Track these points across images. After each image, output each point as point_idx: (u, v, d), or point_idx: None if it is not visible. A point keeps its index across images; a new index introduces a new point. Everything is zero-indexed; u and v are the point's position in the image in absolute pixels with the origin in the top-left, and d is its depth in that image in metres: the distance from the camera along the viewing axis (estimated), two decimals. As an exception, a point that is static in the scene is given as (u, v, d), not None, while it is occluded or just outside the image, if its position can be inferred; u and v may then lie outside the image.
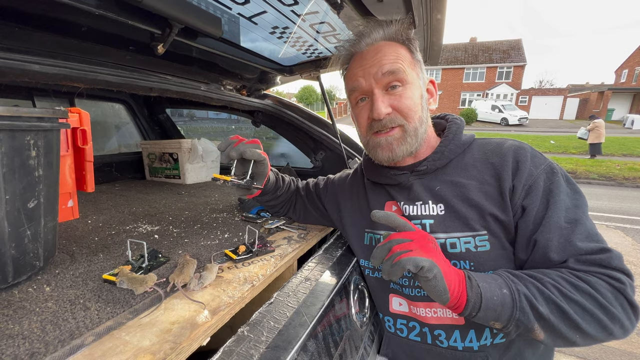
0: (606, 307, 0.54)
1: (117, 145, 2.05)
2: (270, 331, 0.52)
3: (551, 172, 0.65)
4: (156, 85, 1.11)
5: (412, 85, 0.70)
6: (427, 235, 0.59)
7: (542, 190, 0.64)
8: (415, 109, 0.70)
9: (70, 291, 0.60)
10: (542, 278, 0.57)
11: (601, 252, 0.58)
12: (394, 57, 0.69)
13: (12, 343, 0.45)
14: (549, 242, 0.60)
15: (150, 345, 0.46)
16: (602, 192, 6.58)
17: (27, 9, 0.73)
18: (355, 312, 0.76)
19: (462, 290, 0.54)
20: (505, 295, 0.55)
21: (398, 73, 0.68)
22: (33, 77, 0.79)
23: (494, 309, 0.54)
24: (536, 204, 0.63)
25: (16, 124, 0.55)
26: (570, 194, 0.64)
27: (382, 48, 0.71)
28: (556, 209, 0.61)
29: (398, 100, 0.69)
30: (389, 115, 0.70)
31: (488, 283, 0.56)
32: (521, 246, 0.65)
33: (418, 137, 0.72)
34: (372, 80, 0.70)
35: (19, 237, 0.59)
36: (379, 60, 0.69)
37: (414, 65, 0.72)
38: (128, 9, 0.77)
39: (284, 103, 1.74)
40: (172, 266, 0.72)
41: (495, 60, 28.76)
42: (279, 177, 0.98)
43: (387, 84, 0.70)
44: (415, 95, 0.71)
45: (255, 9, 0.89)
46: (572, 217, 0.61)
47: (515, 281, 0.57)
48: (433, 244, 0.58)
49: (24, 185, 0.58)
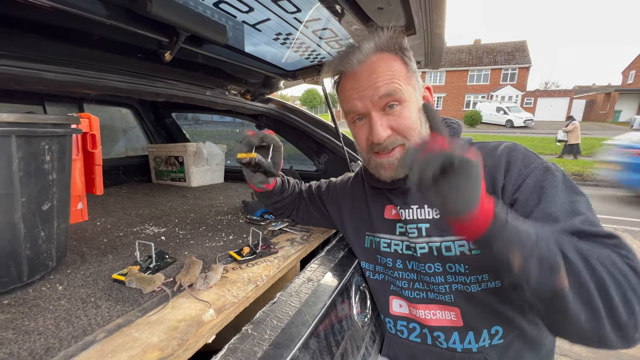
0: (636, 293, 0.45)
1: (124, 149, 2.09)
2: (273, 329, 0.53)
3: (544, 171, 0.62)
4: (163, 91, 1.14)
5: (409, 103, 0.68)
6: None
7: (532, 186, 0.61)
8: (414, 126, 0.69)
9: (81, 290, 0.63)
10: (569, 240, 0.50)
11: (608, 237, 0.52)
12: (389, 76, 0.67)
13: (28, 338, 0.48)
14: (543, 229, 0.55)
15: (159, 341, 0.48)
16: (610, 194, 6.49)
17: (44, 20, 0.77)
18: (356, 312, 0.77)
19: (490, 205, 0.47)
20: (529, 227, 0.48)
21: (395, 94, 0.66)
22: (47, 85, 0.82)
23: (517, 232, 0.47)
24: (524, 197, 0.61)
25: (32, 130, 0.58)
26: (566, 192, 0.59)
27: (376, 67, 0.67)
28: (549, 202, 0.58)
29: (396, 120, 0.68)
30: (389, 137, 0.68)
31: (517, 220, 0.49)
32: None
33: None
34: (369, 103, 0.68)
35: (34, 238, 0.62)
36: (374, 82, 0.67)
37: (409, 79, 0.70)
38: (137, 19, 0.80)
39: (287, 107, 1.76)
40: (178, 267, 0.74)
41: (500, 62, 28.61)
42: (285, 179, 1.00)
43: (384, 105, 0.68)
44: (413, 112, 0.69)
45: (259, 16, 0.91)
46: (569, 209, 0.56)
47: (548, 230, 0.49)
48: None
49: (39, 188, 0.61)
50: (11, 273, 0.59)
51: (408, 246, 0.75)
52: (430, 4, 0.78)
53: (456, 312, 0.70)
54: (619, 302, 0.45)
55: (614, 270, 0.47)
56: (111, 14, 0.76)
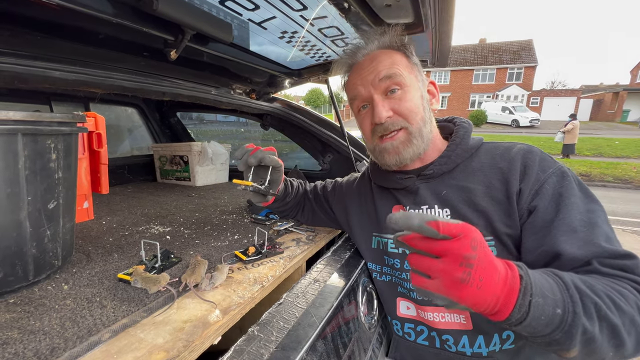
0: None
1: (129, 148, 2.10)
2: (279, 331, 0.53)
3: (561, 176, 0.62)
4: (168, 90, 1.14)
5: (411, 88, 0.72)
6: (466, 248, 0.40)
7: (551, 193, 0.61)
8: (416, 110, 0.71)
9: (87, 289, 0.62)
10: (594, 285, 0.48)
11: (626, 258, 0.53)
12: (389, 62, 0.71)
13: (33, 338, 0.47)
14: (566, 244, 0.55)
15: (164, 342, 0.47)
16: (617, 195, 6.40)
17: (50, 18, 0.77)
18: (363, 314, 0.76)
19: (507, 306, 0.43)
20: (557, 315, 0.44)
21: (395, 77, 0.70)
22: (53, 83, 0.82)
23: (534, 326, 0.44)
24: (543, 205, 0.60)
25: (38, 129, 0.57)
26: (583, 199, 0.60)
27: (377, 56, 0.73)
28: (568, 212, 0.58)
29: (398, 103, 0.71)
30: (390, 118, 0.71)
31: (544, 299, 0.44)
32: (528, 250, 0.61)
33: (424, 137, 0.73)
34: (371, 87, 0.72)
35: (40, 236, 0.61)
36: (375, 67, 0.72)
37: (410, 69, 0.74)
38: (143, 17, 0.79)
39: (293, 106, 1.75)
40: (183, 266, 0.73)
41: (506, 61, 28.36)
42: (287, 183, 0.99)
43: (385, 88, 0.71)
44: (415, 96, 0.72)
45: (265, 14, 0.91)
46: (587, 220, 0.57)
47: (574, 299, 0.46)
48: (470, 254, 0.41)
49: (44, 187, 0.61)
50: (17, 272, 0.59)
51: None
52: (440, 1, 0.77)
53: (466, 315, 0.68)
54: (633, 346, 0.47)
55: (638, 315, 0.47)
56: (117, 12, 0.75)
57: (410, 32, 0.94)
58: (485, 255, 0.42)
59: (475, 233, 0.42)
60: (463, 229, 0.41)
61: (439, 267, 0.40)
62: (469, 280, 0.40)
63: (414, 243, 0.42)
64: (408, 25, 0.91)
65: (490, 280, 0.41)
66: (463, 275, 0.39)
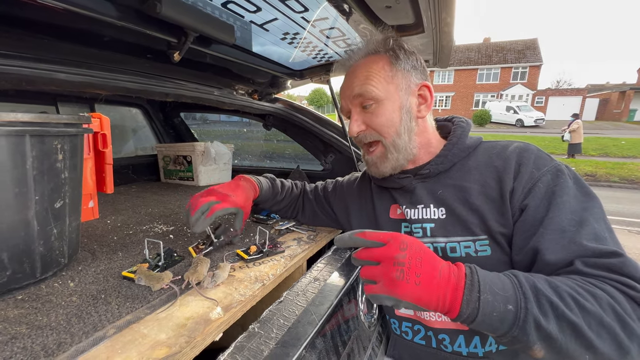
0: (625, 321, 0.46)
1: (133, 148, 2.12)
2: (280, 328, 0.54)
3: (556, 174, 0.61)
4: (172, 91, 1.16)
5: (386, 101, 0.72)
6: (395, 250, 0.48)
7: (544, 191, 0.60)
8: (389, 124, 0.72)
9: (92, 287, 0.64)
10: (559, 286, 0.49)
11: (612, 256, 0.52)
12: (363, 77, 0.72)
13: (41, 333, 0.49)
14: (550, 244, 0.56)
15: (167, 338, 0.48)
16: (623, 195, 6.34)
17: (55, 21, 0.78)
18: (363, 312, 0.77)
19: (455, 303, 0.47)
20: (509, 312, 0.46)
21: (366, 94, 0.72)
22: (59, 85, 0.84)
23: (489, 323, 0.47)
24: (535, 204, 0.60)
25: (46, 130, 0.59)
26: (579, 197, 0.59)
27: (357, 69, 0.75)
28: (558, 211, 0.58)
29: (370, 118, 0.74)
30: (363, 132, 0.75)
31: (493, 295, 0.47)
32: (517, 249, 0.61)
33: (399, 149, 0.74)
34: (349, 102, 0.76)
35: (47, 235, 0.63)
36: (351, 83, 0.75)
37: (391, 78, 0.72)
38: (147, 20, 0.81)
39: (295, 106, 1.76)
40: (186, 265, 0.74)
41: (510, 60, 28.13)
42: (275, 183, 1.02)
43: (360, 103, 0.74)
44: (389, 110, 0.72)
45: (267, 16, 0.92)
46: (577, 219, 0.56)
47: (527, 295, 0.47)
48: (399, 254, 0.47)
49: (51, 186, 0.62)
50: (25, 269, 0.61)
51: None
52: (440, 1, 0.77)
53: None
54: (608, 349, 0.45)
55: (609, 316, 0.47)
56: (122, 15, 0.77)
57: (411, 34, 0.94)
58: (418, 254, 0.48)
59: (405, 237, 0.49)
60: (392, 235, 0.49)
61: (378, 271, 0.48)
62: (403, 277, 0.46)
63: (359, 254, 0.51)
64: (408, 26, 0.91)
65: (429, 277, 0.47)
66: (397, 273, 0.46)
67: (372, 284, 0.49)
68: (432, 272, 0.47)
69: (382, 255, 0.48)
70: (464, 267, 0.50)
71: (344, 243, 0.52)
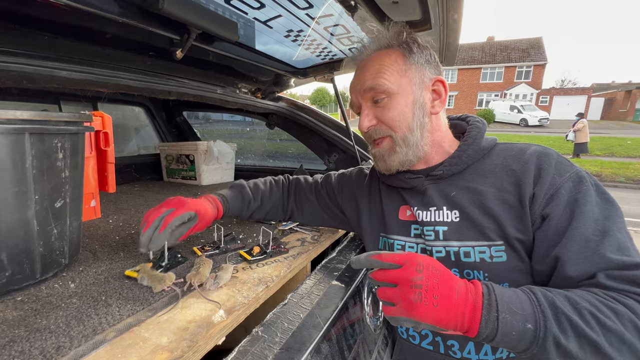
0: None
1: (136, 147, 2.12)
2: (284, 332, 0.52)
3: (578, 181, 0.59)
4: (174, 89, 1.14)
5: (398, 95, 0.69)
6: (412, 272, 0.47)
7: (567, 199, 0.58)
8: (401, 119, 0.70)
9: (93, 288, 0.63)
10: (578, 303, 0.48)
11: (636, 268, 0.50)
12: (375, 70, 0.70)
13: (39, 337, 0.48)
14: (573, 255, 0.54)
15: (168, 342, 0.47)
16: (629, 196, 6.26)
17: (57, 18, 0.77)
18: (369, 315, 0.75)
19: (474, 323, 0.47)
20: (528, 330, 0.46)
21: (378, 87, 0.69)
22: (61, 83, 0.83)
23: (508, 342, 0.47)
24: (558, 213, 0.58)
25: (45, 128, 0.58)
26: (601, 204, 0.57)
27: (368, 63, 0.72)
28: (582, 220, 0.56)
29: (382, 112, 0.71)
30: (374, 127, 0.72)
31: (512, 315, 0.46)
32: (539, 258, 0.59)
33: (410, 145, 0.71)
34: (359, 96, 0.73)
35: (47, 235, 0.62)
36: (362, 77, 0.72)
37: (404, 71, 0.70)
38: (149, 16, 0.79)
39: (298, 105, 1.75)
40: (189, 266, 0.73)
41: (514, 59, 27.93)
42: (245, 191, 0.93)
43: (371, 97, 0.71)
44: (401, 104, 0.69)
45: (271, 13, 0.90)
46: (601, 229, 0.55)
47: (546, 314, 0.46)
48: (416, 277, 0.47)
49: (51, 186, 0.61)
50: (25, 270, 0.59)
51: (424, 249, 0.72)
52: (447, -3, 0.75)
53: None
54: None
55: (631, 333, 0.46)
56: (123, 12, 0.76)
57: (417, 30, 0.92)
58: (434, 275, 0.48)
59: (421, 258, 0.49)
60: (408, 257, 0.49)
61: (396, 294, 0.48)
62: (421, 300, 0.46)
63: (375, 275, 0.51)
64: (415, 22, 0.89)
65: (447, 297, 0.47)
66: (415, 296, 0.46)
67: (390, 305, 0.49)
68: (449, 292, 0.47)
69: (399, 278, 0.48)
70: (480, 286, 0.50)
71: (360, 264, 0.52)
